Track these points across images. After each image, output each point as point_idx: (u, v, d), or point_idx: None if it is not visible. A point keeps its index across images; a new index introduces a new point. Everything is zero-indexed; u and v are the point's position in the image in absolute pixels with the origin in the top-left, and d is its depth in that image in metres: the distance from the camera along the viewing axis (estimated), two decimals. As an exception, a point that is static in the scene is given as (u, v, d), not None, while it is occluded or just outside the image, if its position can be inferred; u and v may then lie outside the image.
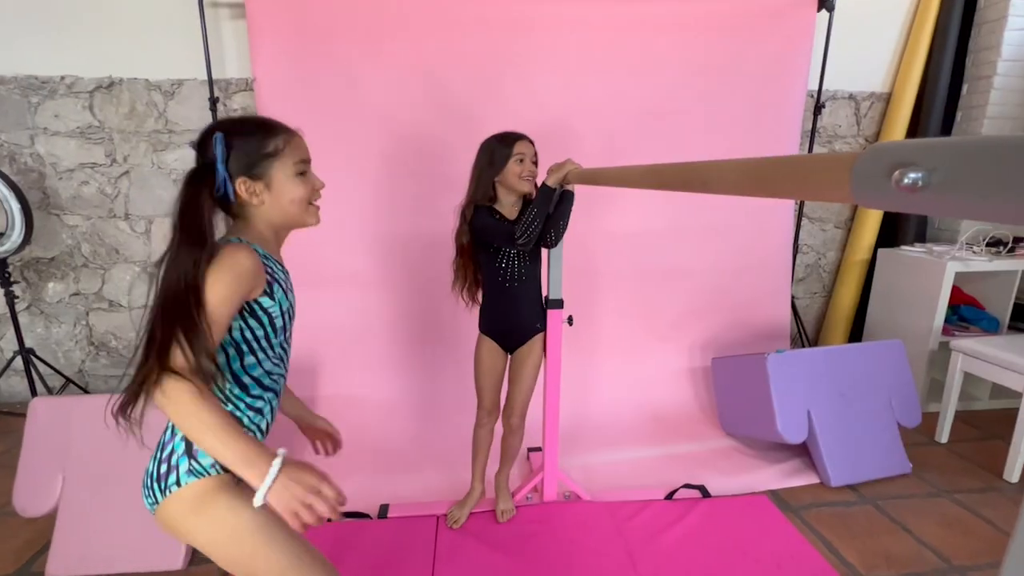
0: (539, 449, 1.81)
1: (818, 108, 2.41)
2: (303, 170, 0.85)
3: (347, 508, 1.66)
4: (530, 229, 1.29)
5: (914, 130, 2.54)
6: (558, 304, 1.49)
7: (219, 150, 0.77)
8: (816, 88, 2.40)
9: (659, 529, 1.54)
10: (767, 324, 2.49)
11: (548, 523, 1.58)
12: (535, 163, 1.39)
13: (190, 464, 0.76)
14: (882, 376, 1.91)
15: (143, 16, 2.12)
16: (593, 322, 2.32)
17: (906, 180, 0.25)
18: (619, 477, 1.85)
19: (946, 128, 2.51)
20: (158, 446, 0.81)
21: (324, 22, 2.04)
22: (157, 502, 0.78)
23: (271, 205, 0.83)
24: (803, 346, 2.67)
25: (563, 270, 1.50)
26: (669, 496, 1.69)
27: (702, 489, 1.73)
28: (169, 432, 0.80)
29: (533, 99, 2.17)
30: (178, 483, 0.76)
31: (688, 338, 2.43)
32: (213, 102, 2.10)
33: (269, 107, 2.06)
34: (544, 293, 1.51)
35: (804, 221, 2.68)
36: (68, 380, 2.37)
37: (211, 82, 2.09)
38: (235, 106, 2.25)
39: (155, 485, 0.78)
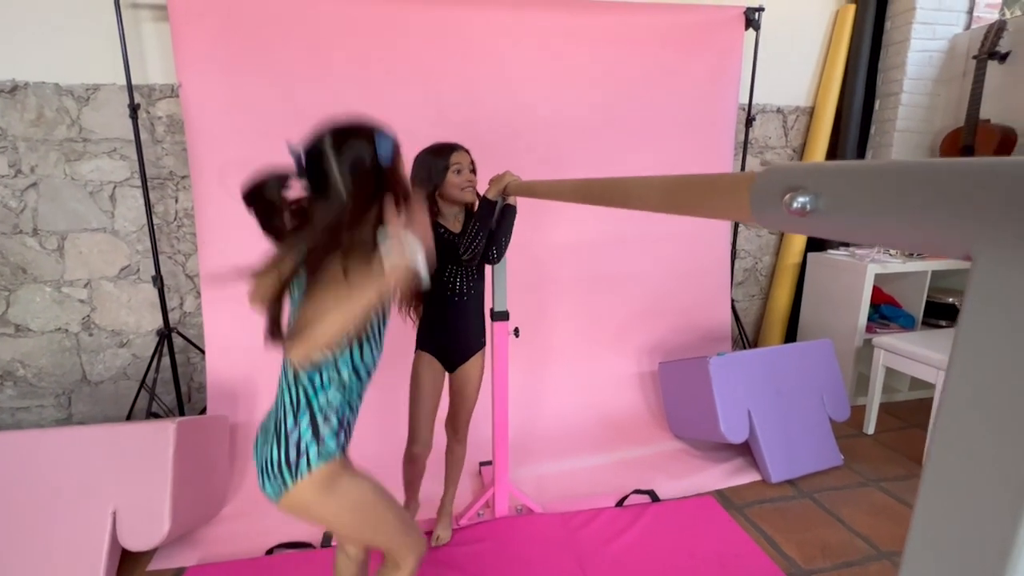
0: (490, 463, 1.79)
1: (749, 120, 2.54)
2: None
3: (289, 539, 1.57)
4: (474, 244, 1.28)
5: (835, 141, 2.72)
6: (504, 316, 1.48)
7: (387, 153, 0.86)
8: (747, 102, 2.53)
9: (610, 537, 1.54)
10: (711, 327, 2.58)
11: (500, 539, 1.55)
12: (473, 172, 1.36)
13: (319, 448, 0.82)
14: (814, 374, 2.01)
15: (52, 16, 1.96)
16: (541, 332, 2.32)
17: (795, 204, 0.25)
18: (571, 486, 1.85)
19: (862, 140, 2.71)
20: (277, 434, 0.83)
21: (256, 27, 1.95)
22: (286, 486, 0.82)
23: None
24: (744, 347, 2.78)
25: (511, 282, 1.49)
26: (620, 503, 1.71)
27: (651, 494, 1.75)
28: (292, 419, 0.82)
29: (477, 110, 2.16)
30: (309, 466, 0.81)
31: (636, 344, 2.48)
32: (134, 109, 1.96)
33: (197, 115, 1.95)
34: (489, 305, 1.50)
35: (741, 227, 2.80)
36: (-34, 415, 2.13)
37: (130, 87, 1.95)
38: (159, 113, 2.11)
39: (284, 471, 0.81)
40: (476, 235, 1.27)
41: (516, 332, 1.51)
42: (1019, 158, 0.17)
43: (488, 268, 1.45)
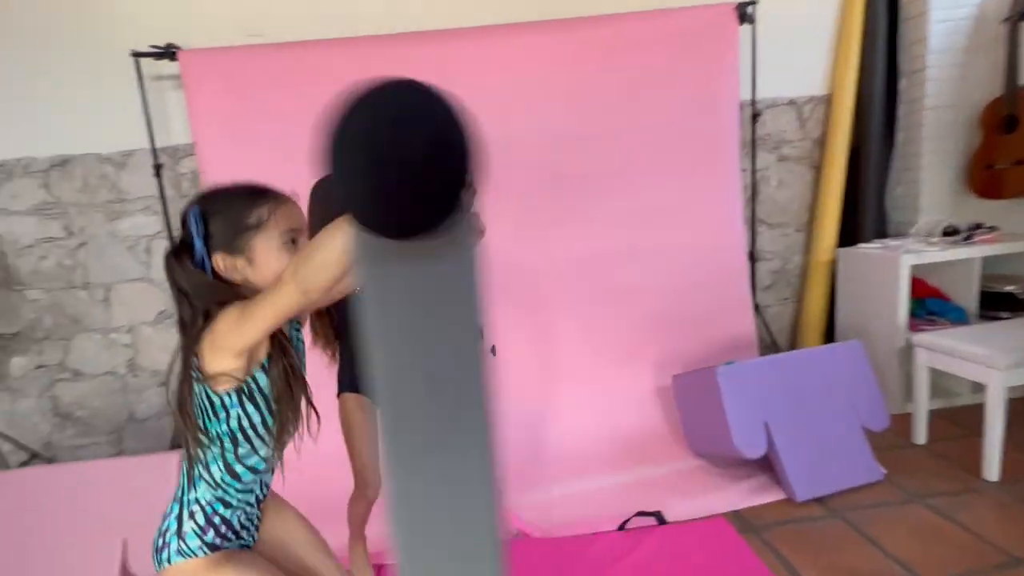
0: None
1: (755, 116, 2.43)
2: (291, 239, 0.78)
3: None
4: None
5: (859, 127, 2.54)
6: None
7: (194, 226, 0.75)
8: (750, 98, 2.42)
9: (607, 563, 1.46)
10: (731, 336, 2.43)
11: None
12: None
13: (179, 544, 0.78)
14: (842, 379, 1.84)
15: (92, 95, 2.23)
16: (550, 351, 2.28)
17: None
18: (578, 509, 1.77)
19: (889, 123, 2.50)
20: (163, 514, 0.82)
21: (262, 87, 2.11)
22: (157, 568, 0.80)
23: (255, 281, 0.77)
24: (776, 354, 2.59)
25: (508, 304, 1.45)
26: (622, 526, 1.62)
27: (658, 516, 1.65)
28: (169, 505, 0.82)
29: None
30: (169, 560, 0.79)
31: (652, 358, 2.37)
32: (157, 168, 2.18)
33: (211, 172, 2.13)
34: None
35: (762, 228, 2.65)
36: (34, 454, 2.38)
37: (154, 149, 2.17)
38: (184, 170, 2.32)
39: (156, 554, 0.80)
40: None
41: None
42: None
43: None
